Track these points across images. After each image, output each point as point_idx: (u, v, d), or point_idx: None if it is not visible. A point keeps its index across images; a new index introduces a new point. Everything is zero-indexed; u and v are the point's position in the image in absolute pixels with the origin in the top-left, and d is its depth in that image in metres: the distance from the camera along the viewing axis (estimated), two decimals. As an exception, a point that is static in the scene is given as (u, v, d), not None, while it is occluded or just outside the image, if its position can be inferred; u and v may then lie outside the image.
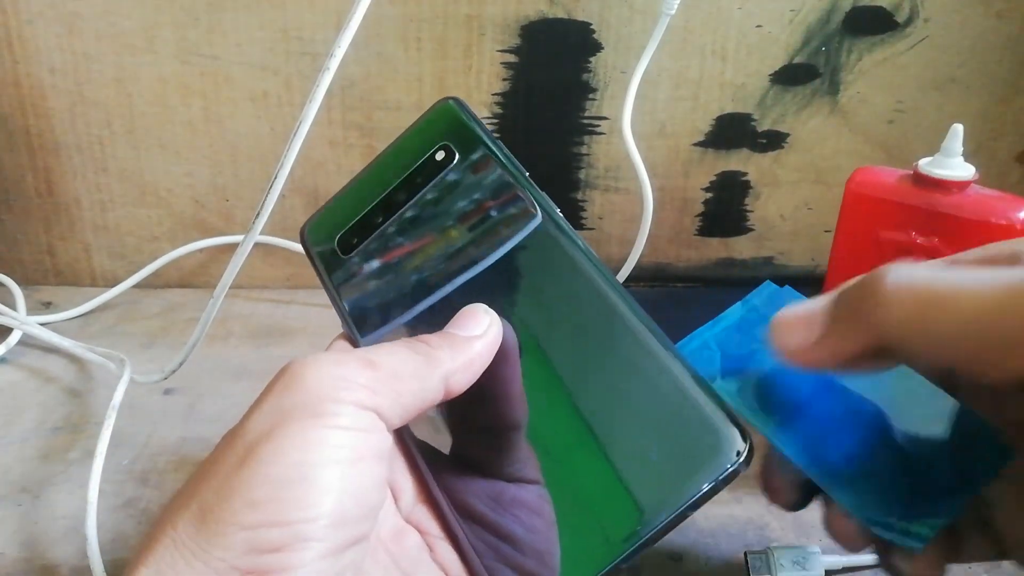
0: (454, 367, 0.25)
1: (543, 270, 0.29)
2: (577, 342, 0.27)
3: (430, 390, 0.24)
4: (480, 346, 0.25)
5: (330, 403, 0.22)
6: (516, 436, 0.26)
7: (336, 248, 0.32)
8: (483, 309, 0.26)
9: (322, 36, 0.56)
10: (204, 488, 0.21)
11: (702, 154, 0.61)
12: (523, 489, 0.26)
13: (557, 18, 0.56)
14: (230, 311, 0.61)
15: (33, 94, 0.58)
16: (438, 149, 0.32)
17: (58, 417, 0.50)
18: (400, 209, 0.31)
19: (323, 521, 0.21)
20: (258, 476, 0.21)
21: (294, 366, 0.24)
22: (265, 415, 0.22)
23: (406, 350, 0.25)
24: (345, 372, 0.23)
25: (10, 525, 0.41)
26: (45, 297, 0.63)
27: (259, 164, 0.60)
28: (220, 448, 0.23)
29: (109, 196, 0.62)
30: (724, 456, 0.24)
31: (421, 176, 0.31)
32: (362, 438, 0.22)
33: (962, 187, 0.43)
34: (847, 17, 0.57)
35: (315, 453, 0.21)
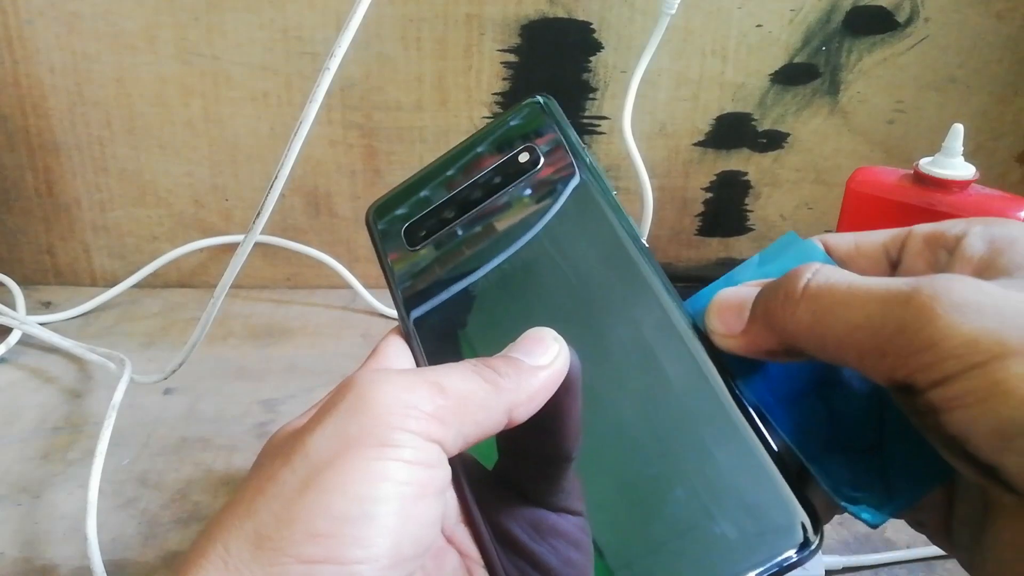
0: (519, 399, 0.24)
1: (618, 295, 0.27)
2: (646, 378, 0.25)
3: (493, 421, 0.23)
4: (546, 376, 0.24)
5: (397, 432, 0.21)
6: (566, 466, 0.25)
7: (403, 238, 0.30)
8: (551, 336, 0.25)
9: (322, 36, 0.56)
10: (261, 508, 0.21)
11: (702, 154, 0.61)
12: (564, 519, 0.25)
13: (557, 17, 0.56)
14: (230, 311, 0.61)
15: (33, 94, 0.58)
16: (523, 150, 0.30)
17: (58, 417, 0.50)
18: (474, 207, 0.29)
19: (380, 563, 0.20)
20: (320, 507, 0.20)
21: (360, 384, 0.22)
22: (328, 438, 0.21)
23: (475, 376, 0.24)
24: (413, 398, 0.22)
25: (10, 525, 0.41)
26: (45, 297, 0.63)
27: (259, 164, 0.60)
28: (278, 463, 0.22)
29: (109, 196, 0.61)
30: (789, 544, 0.22)
31: (501, 176, 0.30)
32: (426, 475, 0.22)
33: (963, 187, 0.43)
34: (847, 17, 0.57)
35: (379, 488, 0.21)
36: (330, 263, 0.62)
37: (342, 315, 0.62)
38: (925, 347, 0.20)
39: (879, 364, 0.21)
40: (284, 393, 0.52)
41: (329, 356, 0.56)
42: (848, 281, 0.22)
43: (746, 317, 0.25)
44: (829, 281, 0.23)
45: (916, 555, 0.41)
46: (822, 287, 0.22)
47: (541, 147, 0.30)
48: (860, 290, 0.22)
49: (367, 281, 0.63)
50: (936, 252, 0.25)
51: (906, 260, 0.26)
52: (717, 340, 0.25)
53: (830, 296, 0.22)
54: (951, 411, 0.20)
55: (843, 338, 0.22)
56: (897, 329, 0.21)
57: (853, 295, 0.22)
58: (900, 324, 0.20)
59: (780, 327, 0.23)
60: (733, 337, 0.25)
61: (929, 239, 0.26)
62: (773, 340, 0.24)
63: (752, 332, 0.24)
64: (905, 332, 0.20)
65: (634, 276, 0.27)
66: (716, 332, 0.25)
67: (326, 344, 0.58)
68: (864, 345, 0.21)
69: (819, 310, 0.22)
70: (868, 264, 0.27)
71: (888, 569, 0.40)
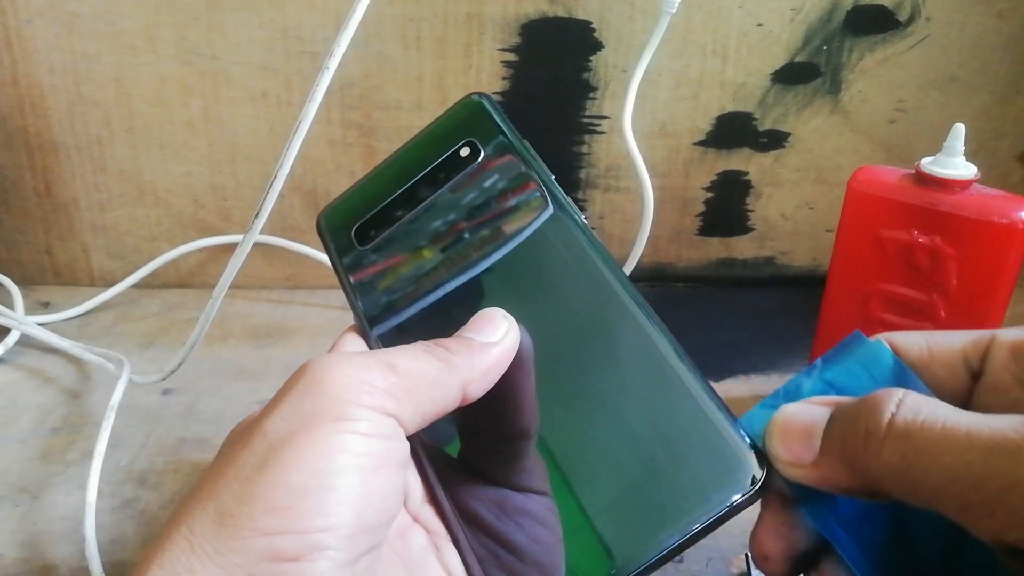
0: (472, 375, 0.24)
1: (563, 275, 0.28)
2: (594, 351, 0.27)
3: (448, 397, 0.24)
4: (498, 353, 0.25)
5: (352, 407, 0.22)
6: (526, 444, 0.26)
7: (353, 238, 0.31)
8: (501, 314, 0.26)
9: (322, 35, 0.56)
10: (223, 489, 0.21)
11: (703, 153, 0.61)
12: (529, 499, 0.25)
13: (557, 17, 0.56)
14: (229, 311, 0.61)
15: (32, 94, 0.58)
16: (463, 145, 0.31)
17: (57, 417, 0.50)
18: (421, 203, 0.31)
19: (342, 531, 0.20)
20: (279, 482, 0.21)
21: (315, 367, 0.23)
22: (285, 417, 0.22)
23: (426, 355, 0.24)
24: (366, 376, 0.23)
25: (9, 526, 0.41)
26: (43, 297, 0.63)
27: (258, 164, 0.60)
28: (237, 447, 0.22)
29: (108, 196, 0.61)
30: (740, 482, 0.23)
31: (444, 171, 0.31)
32: (383, 445, 0.22)
33: (964, 186, 0.43)
34: (848, 16, 0.57)
35: (336, 461, 0.21)
36: (329, 263, 0.62)
37: (341, 315, 0.62)
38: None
39: (986, 522, 0.19)
40: (283, 393, 0.52)
41: (329, 356, 0.56)
42: (943, 419, 0.20)
43: (816, 445, 0.22)
44: (919, 418, 0.20)
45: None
46: (911, 425, 0.20)
47: (481, 141, 0.31)
48: (958, 432, 0.19)
49: (367, 281, 0.63)
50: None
51: (990, 372, 0.24)
52: (781, 468, 0.23)
53: (923, 438, 0.19)
54: None
55: (940, 488, 0.19)
56: (1009, 485, 0.18)
57: (950, 438, 0.19)
58: (1012, 479, 0.18)
59: (862, 468, 0.21)
60: (802, 468, 0.22)
61: (1017, 351, 0.23)
62: (852, 480, 0.21)
63: (826, 467, 0.22)
64: (1018, 489, 0.18)
65: (574, 252, 0.28)
66: (781, 459, 0.23)
67: (325, 344, 0.57)
68: (967, 498, 0.19)
69: (910, 453, 0.20)
70: (945, 373, 0.24)
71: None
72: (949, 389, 0.24)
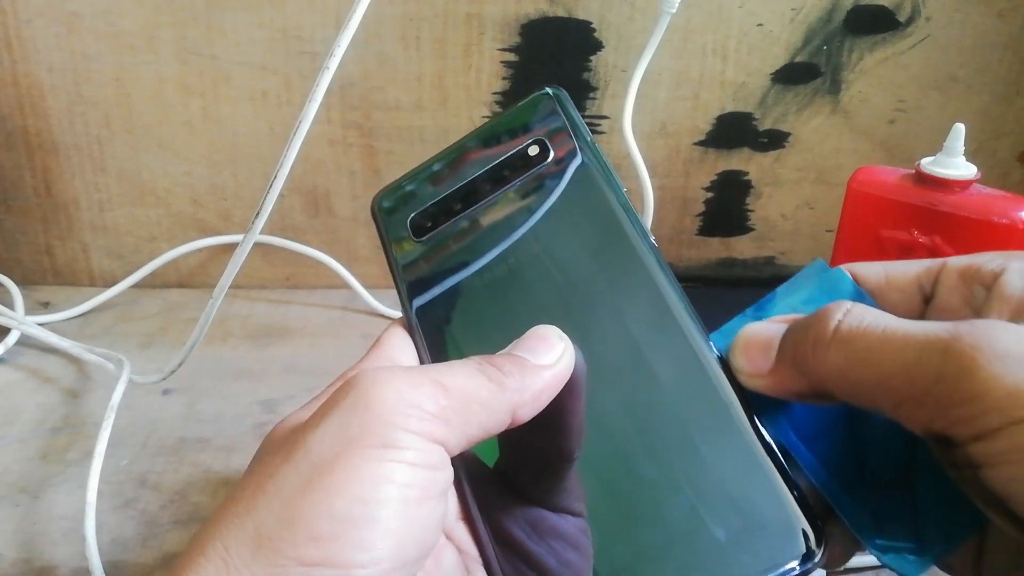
0: (523, 399, 0.23)
1: (627, 294, 0.26)
2: (650, 380, 0.25)
3: (496, 421, 0.23)
4: (551, 376, 0.24)
5: (399, 432, 0.21)
6: (567, 466, 0.25)
7: (408, 228, 0.30)
8: (557, 334, 0.25)
9: (322, 35, 0.56)
10: (262, 507, 0.20)
11: (703, 153, 0.61)
12: (564, 520, 0.25)
13: (557, 17, 0.56)
14: (229, 311, 0.61)
15: (32, 94, 0.58)
16: (533, 143, 0.29)
17: (57, 418, 0.50)
18: (482, 200, 0.29)
19: (382, 566, 0.20)
20: (322, 508, 0.20)
21: (363, 382, 0.22)
22: (330, 435, 0.21)
23: (479, 374, 0.23)
24: (416, 397, 0.22)
25: (9, 526, 0.41)
26: (43, 297, 0.63)
27: (258, 164, 0.60)
28: (279, 459, 0.21)
29: (108, 196, 0.61)
30: (791, 554, 0.22)
31: (510, 169, 0.29)
32: (429, 476, 0.21)
33: (964, 186, 0.43)
34: (848, 16, 0.57)
35: (381, 490, 0.20)
36: (329, 263, 0.62)
37: (341, 315, 0.62)
38: (965, 399, 0.19)
39: (916, 414, 0.20)
40: (283, 393, 0.52)
41: (328, 356, 0.56)
42: (883, 324, 0.21)
43: (773, 356, 0.24)
44: (862, 324, 0.22)
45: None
46: (854, 330, 0.22)
47: (551, 140, 0.29)
48: (896, 335, 0.21)
49: (366, 281, 0.63)
50: (972, 288, 0.24)
51: (940, 295, 0.25)
52: (743, 379, 0.24)
53: (863, 340, 0.21)
54: (992, 467, 0.19)
55: (877, 385, 0.21)
56: (935, 379, 0.20)
57: (888, 340, 0.21)
58: (938, 374, 0.20)
59: (810, 371, 0.22)
60: (760, 376, 0.24)
61: (964, 273, 0.25)
62: (802, 383, 0.23)
63: (780, 373, 0.24)
64: (944, 382, 0.20)
65: (640, 275, 0.26)
66: (742, 371, 0.24)
67: (325, 344, 0.58)
68: (900, 394, 0.20)
69: (851, 355, 0.21)
70: (900, 298, 0.26)
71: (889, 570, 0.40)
72: (903, 312, 0.25)
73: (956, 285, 0.25)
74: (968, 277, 0.24)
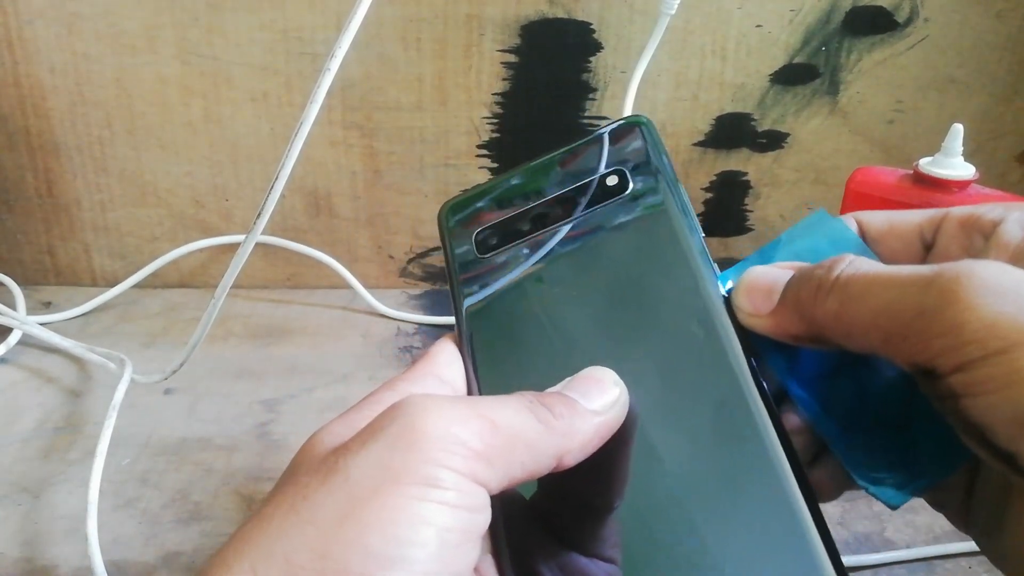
0: (571, 446, 0.22)
1: (689, 344, 0.25)
2: (700, 432, 0.24)
3: (540, 465, 0.22)
4: (602, 424, 0.23)
5: (443, 471, 0.20)
6: (606, 514, 0.24)
7: (473, 242, 0.29)
8: (612, 379, 0.24)
9: (322, 36, 0.56)
10: (295, 534, 0.20)
11: (702, 154, 0.61)
12: (595, 565, 0.24)
13: (557, 18, 0.57)
14: (230, 311, 0.61)
15: (33, 94, 0.58)
16: (612, 172, 0.28)
17: (58, 417, 0.50)
18: (553, 224, 0.28)
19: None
20: (357, 544, 0.19)
21: (410, 411, 0.21)
22: (372, 467, 0.20)
23: (528, 413, 0.22)
24: (463, 434, 0.21)
25: (11, 525, 0.41)
26: (45, 297, 0.63)
27: (259, 164, 0.60)
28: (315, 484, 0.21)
29: (109, 196, 0.62)
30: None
31: (585, 195, 0.28)
32: (468, 519, 0.21)
33: (962, 187, 0.43)
34: (847, 17, 0.57)
35: (419, 532, 0.20)
36: (330, 263, 0.62)
37: (342, 315, 0.62)
38: (946, 331, 0.20)
39: (901, 347, 0.21)
40: (284, 393, 0.52)
41: (329, 356, 0.56)
42: (877, 269, 0.22)
43: (775, 299, 0.24)
44: (859, 271, 0.22)
45: (916, 555, 0.41)
46: (851, 276, 0.22)
47: (633, 172, 0.28)
48: (884, 276, 0.22)
49: (367, 281, 0.63)
50: (971, 236, 0.25)
51: (940, 243, 0.26)
52: (743, 318, 0.25)
53: (856, 284, 0.22)
54: (971, 397, 0.20)
55: (867, 324, 0.22)
56: (918, 312, 0.20)
57: (877, 280, 0.22)
58: (920, 307, 0.20)
59: (809, 315, 0.23)
60: (760, 317, 0.25)
61: (965, 222, 0.25)
62: (801, 326, 0.24)
63: (780, 316, 0.24)
64: (925, 315, 0.20)
65: (706, 326, 0.25)
66: (743, 310, 0.25)
67: (326, 344, 0.58)
68: (887, 329, 0.21)
69: (846, 299, 0.22)
70: (901, 245, 0.26)
71: (888, 569, 0.40)
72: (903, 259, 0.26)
73: (956, 233, 0.25)
74: (968, 226, 0.25)
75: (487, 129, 0.60)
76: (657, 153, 0.28)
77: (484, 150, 0.60)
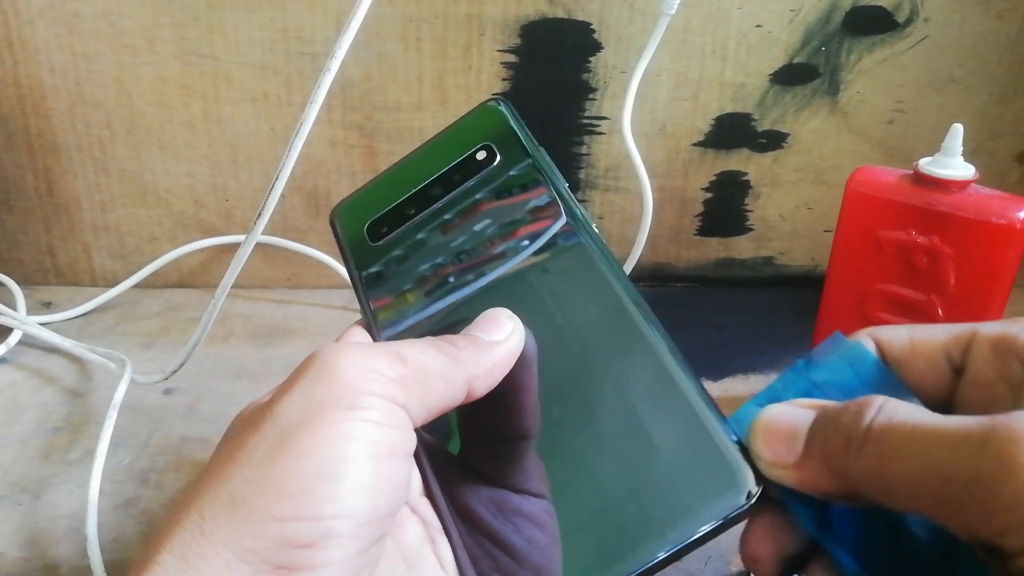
0: (477, 371, 0.24)
1: (571, 281, 0.29)
2: (598, 358, 0.27)
3: (453, 392, 0.24)
4: (503, 351, 0.25)
5: (363, 395, 0.22)
6: (526, 446, 0.26)
7: (365, 234, 0.32)
8: (507, 314, 0.26)
9: (322, 36, 0.56)
10: (234, 474, 0.21)
11: (702, 154, 0.61)
12: (527, 501, 0.25)
13: (557, 18, 0.57)
14: (230, 311, 0.61)
15: (33, 94, 0.58)
16: (480, 148, 0.32)
17: (58, 417, 0.50)
18: (435, 203, 0.31)
19: (355, 519, 0.20)
20: (292, 468, 0.20)
21: (325, 355, 0.23)
22: (296, 403, 0.22)
23: (433, 349, 0.24)
24: (377, 365, 0.23)
25: (10, 525, 0.41)
26: (45, 297, 0.63)
27: (259, 164, 0.60)
28: (247, 433, 0.22)
29: (109, 196, 0.62)
30: (735, 496, 0.23)
31: (459, 173, 0.32)
32: (394, 435, 0.22)
33: (962, 186, 0.43)
34: (847, 17, 0.57)
35: (349, 448, 0.21)
36: (330, 263, 0.63)
37: (342, 315, 0.62)
38: (1012, 505, 0.17)
39: (958, 518, 0.18)
40: (284, 393, 0.52)
41: (329, 356, 0.56)
42: (914, 419, 0.20)
43: (798, 448, 0.22)
44: (894, 420, 0.20)
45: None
46: (886, 428, 0.20)
47: (498, 145, 0.32)
48: (927, 429, 0.19)
49: (367, 281, 0.63)
50: (1007, 361, 0.23)
51: (972, 368, 0.24)
52: (763, 467, 0.23)
53: (896, 438, 0.20)
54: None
55: (913, 486, 0.19)
56: (973, 478, 0.18)
57: (919, 435, 0.19)
58: (977, 472, 0.18)
59: (841, 472, 0.21)
60: (783, 468, 0.22)
61: (997, 345, 0.23)
62: (832, 484, 0.21)
63: (808, 469, 0.22)
64: (983, 483, 0.18)
65: (583, 260, 0.29)
66: (763, 459, 0.23)
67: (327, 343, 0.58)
68: (938, 495, 0.19)
69: (885, 455, 0.20)
70: (928, 368, 0.24)
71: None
72: (931, 384, 0.24)
73: (989, 358, 0.23)
74: (1002, 349, 0.23)
75: (487, 129, 0.60)
76: (517, 127, 0.32)
77: (484, 150, 0.60)
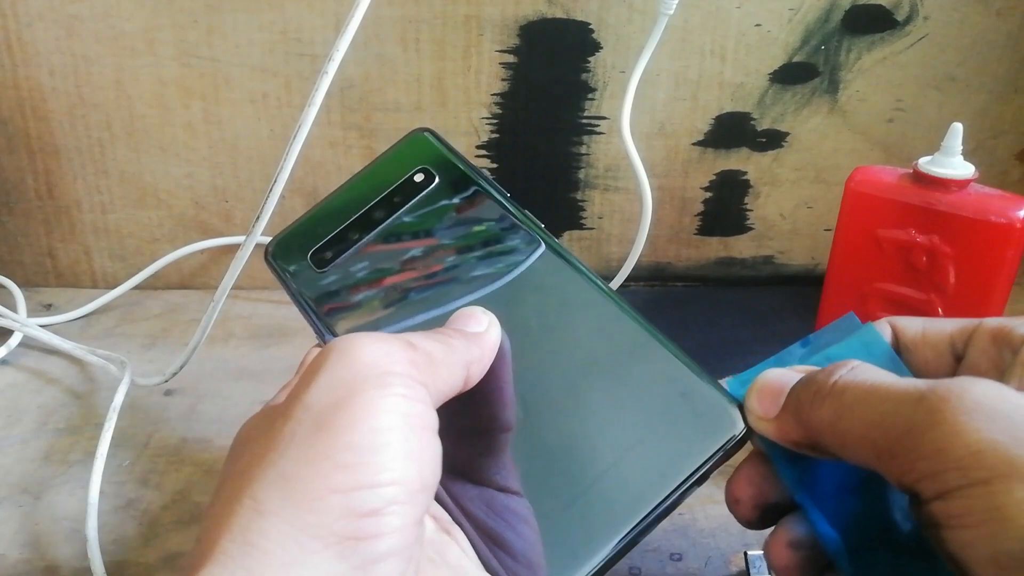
0: (472, 357, 0.25)
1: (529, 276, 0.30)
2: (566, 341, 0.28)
3: (457, 377, 0.24)
4: (488, 339, 0.26)
5: (388, 375, 0.22)
6: (503, 442, 0.26)
7: (309, 262, 0.33)
8: (480, 310, 0.27)
9: (321, 38, 0.56)
10: (279, 459, 0.21)
11: (701, 153, 0.61)
12: (512, 500, 0.26)
13: (556, 18, 0.57)
14: (230, 312, 0.61)
15: (33, 97, 0.58)
16: (416, 172, 0.33)
17: (59, 419, 0.50)
18: (377, 226, 0.32)
19: (408, 485, 0.21)
20: (341, 443, 0.20)
21: (341, 344, 0.23)
22: (325, 389, 0.22)
23: (432, 338, 0.25)
24: (391, 349, 0.23)
25: (11, 526, 0.41)
26: (46, 299, 0.63)
27: (259, 165, 0.60)
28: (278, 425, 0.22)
29: (109, 198, 0.62)
30: (731, 427, 0.25)
31: (400, 195, 0.33)
32: (423, 408, 0.22)
33: (962, 185, 0.43)
34: (846, 16, 0.57)
35: (388, 419, 0.21)
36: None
37: (342, 316, 0.62)
38: (929, 453, 0.19)
39: (890, 465, 0.20)
40: (285, 394, 0.52)
41: (329, 357, 0.56)
42: (873, 379, 0.21)
43: (782, 403, 0.24)
44: (856, 379, 0.22)
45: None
46: (847, 384, 0.22)
47: (434, 167, 0.33)
48: (880, 387, 0.21)
49: (367, 282, 0.63)
50: (1001, 350, 0.24)
51: (970, 356, 0.25)
52: (752, 421, 0.25)
53: (852, 392, 0.21)
54: (949, 529, 0.18)
55: (859, 436, 0.21)
56: (905, 429, 0.19)
57: (873, 391, 0.21)
58: (909, 424, 0.19)
59: (806, 422, 0.23)
60: (767, 421, 0.24)
61: (996, 335, 0.24)
62: (799, 433, 0.23)
63: (782, 420, 0.24)
64: (912, 433, 0.19)
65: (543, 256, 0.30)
66: (752, 413, 0.25)
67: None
68: (877, 444, 0.20)
69: (841, 408, 0.21)
70: (932, 355, 0.26)
71: None
72: (935, 370, 0.26)
73: (987, 347, 0.24)
74: (999, 340, 0.24)
75: (486, 129, 0.60)
76: (448, 150, 0.34)
77: (483, 150, 0.60)
